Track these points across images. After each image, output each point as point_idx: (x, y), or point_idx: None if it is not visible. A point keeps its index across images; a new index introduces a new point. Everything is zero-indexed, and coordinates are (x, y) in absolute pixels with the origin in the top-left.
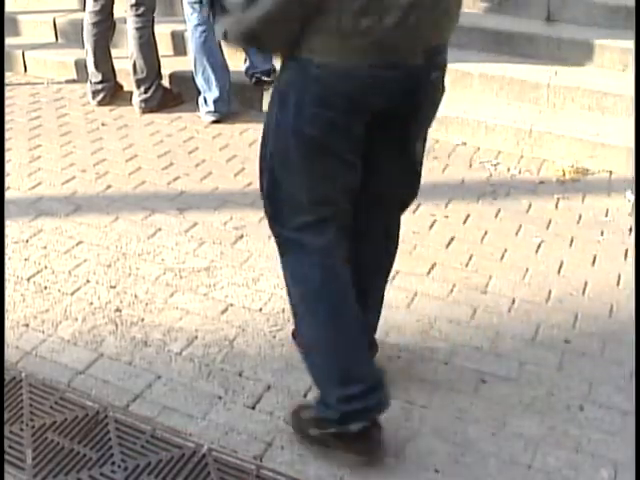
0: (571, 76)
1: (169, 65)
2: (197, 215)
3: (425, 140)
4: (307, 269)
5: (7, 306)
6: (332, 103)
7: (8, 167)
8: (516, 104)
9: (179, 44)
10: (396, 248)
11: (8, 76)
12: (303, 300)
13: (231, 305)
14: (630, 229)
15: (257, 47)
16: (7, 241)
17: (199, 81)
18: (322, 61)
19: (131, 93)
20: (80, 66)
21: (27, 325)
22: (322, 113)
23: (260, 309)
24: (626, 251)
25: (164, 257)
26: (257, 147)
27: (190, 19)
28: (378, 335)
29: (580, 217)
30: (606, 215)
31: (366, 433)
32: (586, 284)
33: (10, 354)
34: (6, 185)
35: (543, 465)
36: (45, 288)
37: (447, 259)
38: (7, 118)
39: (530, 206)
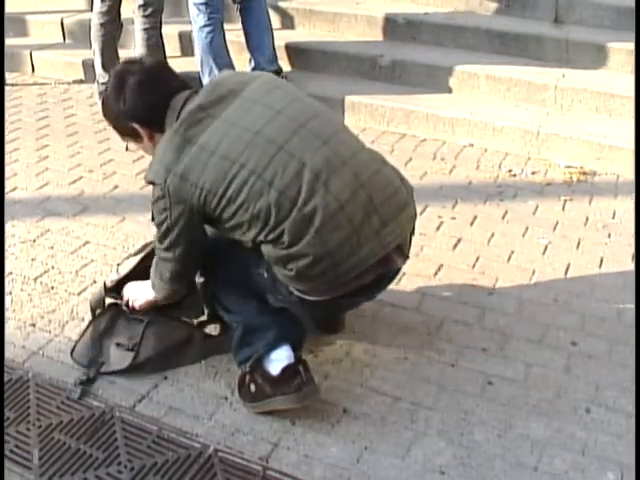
0: (578, 78)
1: (176, 66)
2: None
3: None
4: None
5: (14, 306)
6: None
7: (15, 167)
8: (523, 106)
9: (186, 45)
10: None
11: (15, 76)
12: None
13: None
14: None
15: None
16: (14, 241)
17: (206, 82)
18: None
19: None
20: (88, 66)
21: (34, 325)
22: None
23: None
24: (633, 253)
25: None
26: None
27: (196, 20)
28: (384, 336)
29: (587, 219)
30: (613, 217)
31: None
32: (593, 286)
33: (17, 354)
34: (13, 185)
35: (549, 467)
36: (52, 288)
37: (454, 261)
38: (14, 118)
39: (537, 208)
